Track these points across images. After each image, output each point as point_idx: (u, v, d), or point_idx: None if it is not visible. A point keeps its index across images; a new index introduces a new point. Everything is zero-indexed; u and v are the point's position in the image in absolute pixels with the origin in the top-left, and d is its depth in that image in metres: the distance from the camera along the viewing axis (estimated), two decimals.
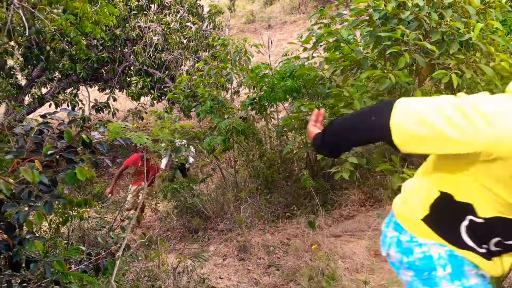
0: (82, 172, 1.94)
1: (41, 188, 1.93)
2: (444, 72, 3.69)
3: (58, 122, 2.13)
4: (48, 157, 2.01)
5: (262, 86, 5.73)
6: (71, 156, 2.03)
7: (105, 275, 2.33)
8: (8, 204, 1.86)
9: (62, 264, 1.96)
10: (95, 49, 9.07)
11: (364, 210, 4.61)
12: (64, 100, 8.93)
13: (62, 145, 2.06)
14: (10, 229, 1.91)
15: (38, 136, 2.10)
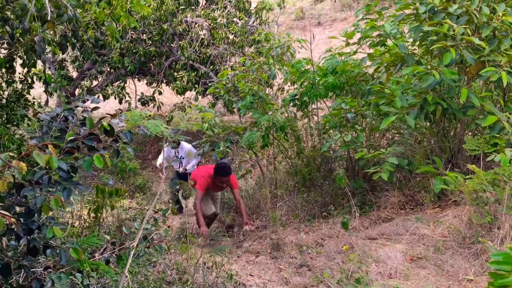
0: (100, 160, 1.93)
1: (61, 175, 1.92)
2: (494, 70, 3.45)
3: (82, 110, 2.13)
4: (69, 144, 2.00)
5: (303, 82, 5.61)
6: (91, 143, 2.01)
7: (119, 265, 2.32)
8: (27, 189, 1.87)
9: (78, 251, 1.95)
10: (143, 43, 9.25)
11: (403, 213, 4.40)
12: (111, 92, 9.15)
13: (84, 132, 2.05)
14: (29, 214, 1.92)
15: (62, 123, 2.10)
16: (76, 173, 2.01)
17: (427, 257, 3.45)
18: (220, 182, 5.17)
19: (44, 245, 2.01)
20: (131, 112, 1.96)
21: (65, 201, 1.96)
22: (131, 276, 2.80)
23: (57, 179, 1.96)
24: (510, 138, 3.55)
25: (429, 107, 3.67)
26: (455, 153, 4.44)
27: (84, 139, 2.03)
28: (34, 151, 1.64)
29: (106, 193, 3.24)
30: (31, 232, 1.96)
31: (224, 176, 5.13)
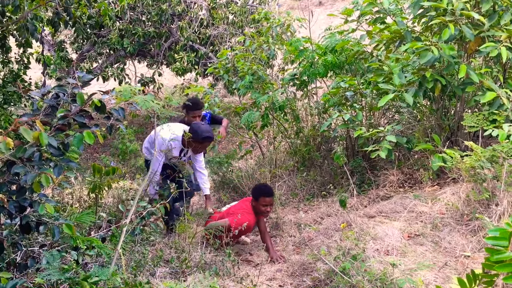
0: (90, 136, 1.91)
1: (51, 152, 1.91)
2: (494, 45, 3.40)
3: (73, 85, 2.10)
4: (60, 121, 1.99)
5: (302, 61, 5.55)
6: (83, 120, 2.00)
7: (112, 242, 2.32)
8: (18, 166, 1.86)
9: (71, 228, 1.95)
10: (142, 24, 9.16)
11: (402, 191, 4.40)
12: (111, 74, 9.11)
13: (75, 109, 2.04)
14: (21, 192, 1.92)
15: (53, 100, 2.08)
16: (68, 150, 2.00)
17: (424, 234, 3.45)
18: (264, 205, 4.05)
19: (37, 222, 2.01)
20: (121, 87, 1.93)
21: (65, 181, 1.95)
22: (128, 254, 2.81)
23: (48, 156, 1.95)
24: (509, 115, 3.52)
25: (428, 84, 3.64)
26: (455, 131, 4.41)
27: (75, 116, 2.01)
28: (21, 127, 1.62)
29: (103, 172, 3.23)
30: (23, 210, 1.96)
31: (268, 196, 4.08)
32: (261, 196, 4.04)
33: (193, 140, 4.07)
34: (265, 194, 4.04)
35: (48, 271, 1.92)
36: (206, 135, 4.09)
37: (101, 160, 8.36)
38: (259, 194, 4.07)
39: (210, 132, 4.15)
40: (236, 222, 3.90)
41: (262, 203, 4.02)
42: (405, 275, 2.84)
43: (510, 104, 3.52)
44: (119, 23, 8.95)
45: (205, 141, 4.14)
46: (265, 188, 4.19)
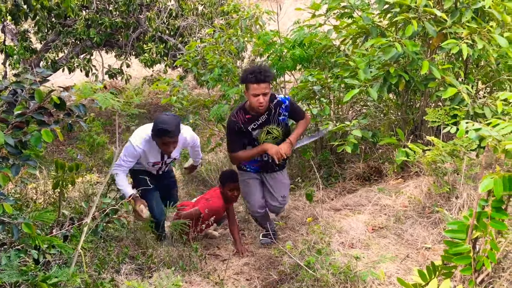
0: (49, 134, 1.87)
1: (9, 150, 1.86)
2: (455, 42, 3.48)
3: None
4: (18, 118, 1.94)
5: (270, 54, 5.56)
6: (41, 117, 1.95)
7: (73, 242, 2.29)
8: None
9: (30, 227, 1.91)
10: (110, 14, 8.98)
11: (367, 184, 4.48)
12: (77, 65, 8.91)
13: (34, 106, 1.99)
14: None
15: (10, 96, 2.03)
16: (26, 148, 1.95)
17: (388, 226, 3.53)
18: (231, 190, 4.06)
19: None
20: (80, 84, 1.89)
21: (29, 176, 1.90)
22: (92, 251, 2.77)
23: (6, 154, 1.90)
24: (470, 110, 3.62)
25: (392, 80, 3.70)
26: (419, 125, 4.51)
27: (33, 113, 1.96)
28: None
29: (66, 168, 3.17)
30: None
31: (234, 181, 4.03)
32: (227, 181, 4.08)
33: (152, 134, 3.49)
34: (230, 179, 4.07)
35: (6, 272, 1.88)
36: (159, 127, 3.39)
37: (67, 153, 8.20)
38: (225, 179, 4.13)
39: (167, 123, 3.40)
40: (207, 205, 4.05)
41: (228, 188, 4.05)
42: (368, 268, 2.90)
43: (470, 100, 3.61)
44: (85, 13, 8.74)
45: (160, 134, 3.41)
46: (231, 173, 4.20)
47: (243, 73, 3.40)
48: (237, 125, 3.46)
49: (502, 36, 3.51)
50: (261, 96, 3.31)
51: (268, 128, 3.54)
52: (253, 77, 3.26)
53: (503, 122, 2.57)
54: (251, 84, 3.28)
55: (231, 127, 3.50)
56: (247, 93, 3.38)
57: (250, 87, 3.31)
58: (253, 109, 3.43)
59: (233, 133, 3.50)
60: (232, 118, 3.49)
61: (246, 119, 3.48)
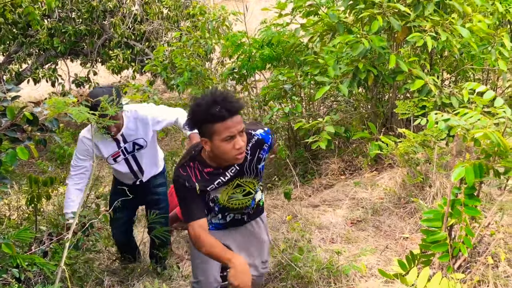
0: (24, 152, 1.84)
1: None
2: (419, 35, 3.58)
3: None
4: None
5: (239, 55, 5.58)
6: (14, 134, 1.92)
7: (54, 258, 2.26)
8: None
9: (11, 247, 1.88)
10: (73, 22, 8.81)
11: (343, 179, 4.55)
12: (42, 76, 8.72)
13: (6, 123, 1.95)
14: None
15: None
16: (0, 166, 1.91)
17: (366, 219, 3.60)
18: None
19: None
20: (52, 99, 1.87)
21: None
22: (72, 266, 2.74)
23: None
24: (437, 100, 3.72)
25: (361, 75, 3.77)
26: (389, 118, 4.61)
27: (6, 130, 1.92)
28: None
29: (40, 183, 3.12)
30: None
31: None
32: None
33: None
34: None
35: None
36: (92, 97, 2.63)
37: (38, 165, 8.03)
38: None
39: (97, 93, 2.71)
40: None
41: None
42: (350, 262, 2.95)
43: (437, 90, 3.72)
44: (47, 22, 8.56)
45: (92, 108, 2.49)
46: None
47: (194, 112, 2.02)
48: (190, 184, 2.16)
49: (464, 27, 3.62)
50: (238, 138, 2.02)
51: (240, 181, 2.31)
52: (220, 111, 1.95)
53: (470, 111, 2.66)
54: (219, 123, 1.96)
55: (179, 185, 2.19)
56: (211, 141, 2.03)
57: (218, 129, 1.98)
58: (219, 160, 2.15)
59: (185, 194, 2.20)
60: (181, 172, 2.19)
61: (205, 174, 2.19)
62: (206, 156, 2.18)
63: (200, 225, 2.16)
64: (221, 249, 2.13)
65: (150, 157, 3.27)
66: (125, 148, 3.11)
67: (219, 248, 2.13)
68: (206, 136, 2.03)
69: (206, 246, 2.12)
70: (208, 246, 2.12)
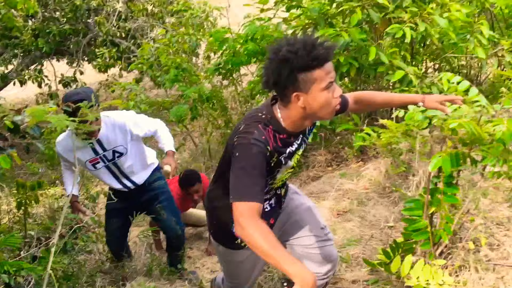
0: (6, 160, 1.87)
1: None
2: (398, 26, 3.62)
3: None
4: None
5: (224, 50, 5.60)
6: None
7: (41, 263, 2.30)
8: None
9: None
10: (57, 22, 8.77)
11: (330, 170, 4.61)
12: (29, 77, 8.68)
13: None
14: None
15: None
16: None
17: (352, 210, 3.66)
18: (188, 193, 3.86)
19: None
20: (32, 108, 1.89)
21: None
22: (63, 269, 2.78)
23: None
24: (418, 91, 3.77)
25: (342, 68, 3.82)
26: None
27: None
28: None
29: (28, 188, 3.15)
30: None
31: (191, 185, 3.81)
32: (185, 186, 3.85)
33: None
34: (188, 183, 3.82)
35: None
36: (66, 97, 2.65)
37: (28, 167, 8.02)
38: (183, 184, 3.86)
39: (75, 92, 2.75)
40: None
41: (187, 192, 3.84)
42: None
43: (418, 80, 3.77)
44: (31, 22, 8.51)
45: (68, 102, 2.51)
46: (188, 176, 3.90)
47: (290, 60, 1.66)
48: (266, 151, 1.76)
49: (442, 17, 3.67)
50: (336, 86, 1.76)
51: (298, 153, 2.02)
52: (323, 53, 1.67)
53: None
54: (320, 69, 1.67)
55: (250, 151, 1.73)
56: (308, 93, 1.71)
57: (319, 75, 1.67)
58: (305, 120, 1.84)
59: (254, 163, 1.73)
60: (257, 135, 1.76)
61: (279, 141, 1.84)
62: (284, 118, 1.82)
63: (258, 210, 1.66)
64: (282, 253, 1.55)
65: (136, 162, 3.09)
66: (105, 155, 2.97)
67: (280, 252, 1.55)
68: (302, 88, 1.69)
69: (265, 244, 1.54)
70: (268, 244, 1.54)
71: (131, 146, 3.01)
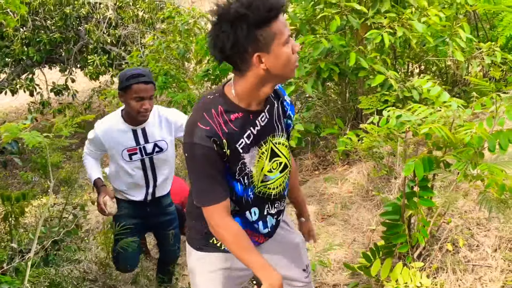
0: None
1: None
2: (377, 32, 3.67)
3: None
4: None
5: (210, 57, 5.65)
6: None
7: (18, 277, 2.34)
8: None
9: None
10: (47, 30, 8.81)
11: (316, 174, 4.66)
12: (20, 86, 8.71)
13: None
14: None
15: None
16: None
17: (336, 214, 3.71)
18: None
19: None
20: (6, 125, 1.93)
21: None
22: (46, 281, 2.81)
23: None
24: (399, 94, 3.83)
25: (324, 74, 3.87)
26: (359, 112, 4.72)
27: None
28: None
29: (13, 199, 3.18)
30: None
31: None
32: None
33: (120, 93, 2.56)
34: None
35: None
36: (128, 74, 2.53)
37: (21, 176, 8.05)
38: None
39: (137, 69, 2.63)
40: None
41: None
42: (318, 257, 3.06)
43: (398, 84, 3.82)
44: (20, 32, 8.54)
45: (130, 81, 2.48)
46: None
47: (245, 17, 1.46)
48: (215, 142, 1.56)
49: (420, 21, 3.73)
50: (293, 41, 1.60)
51: (273, 143, 1.72)
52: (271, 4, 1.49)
53: (422, 106, 2.76)
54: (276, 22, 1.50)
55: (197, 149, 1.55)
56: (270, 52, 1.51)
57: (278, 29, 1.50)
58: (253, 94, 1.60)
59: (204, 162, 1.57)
60: (200, 127, 1.55)
61: (231, 125, 1.59)
62: (238, 92, 1.58)
63: (226, 208, 1.62)
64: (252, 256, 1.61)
65: (167, 168, 2.88)
66: (144, 147, 2.72)
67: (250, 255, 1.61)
68: (262, 47, 1.48)
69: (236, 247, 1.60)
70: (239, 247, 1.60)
71: (171, 144, 2.80)
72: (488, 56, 3.93)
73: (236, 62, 1.52)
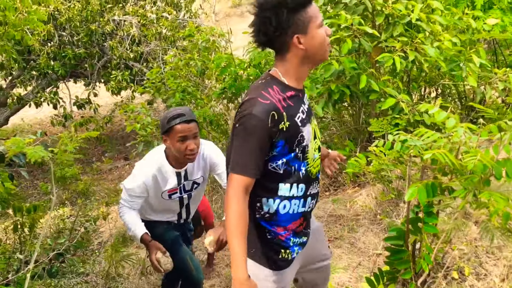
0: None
1: None
2: (389, 55, 3.68)
3: None
4: None
5: (225, 76, 5.73)
6: None
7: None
8: None
9: None
10: (73, 46, 9.07)
11: (327, 195, 4.63)
12: (44, 99, 8.96)
13: None
14: None
15: None
16: None
17: (342, 236, 3.68)
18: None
19: None
20: (12, 139, 2.00)
21: None
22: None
23: None
24: (410, 118, 3.81)
25: (335, 96, 3.88)
26: (371, 135, 4.69)
27: None
28: None
29: (24, 211, 3.26)
30: None
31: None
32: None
33: (164, 137, 2.51)
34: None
35: None
36: (170, 115, 2.49)
37: (41, 187, 8.21)
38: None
39: (179, 109, 2.53)
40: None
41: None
42: None
43: (409, 108, 3.80)
44: (47, 47, 8.82)
45: (173, 121, 2.43)
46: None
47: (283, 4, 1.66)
48: (275, 116, 1.64)
49: (432, 46, 3.72)
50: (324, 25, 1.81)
51: (314, 125, 1.87)
52: None
53: (429, 131, 2.74)
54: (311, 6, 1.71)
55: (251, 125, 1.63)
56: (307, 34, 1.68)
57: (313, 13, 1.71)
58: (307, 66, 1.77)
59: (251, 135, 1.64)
60: (260, 102, 1.64)
61: (288, 100, 1.71)
62: (284, 73, 1.74)
63: (248, 187, 1.67)
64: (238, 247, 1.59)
65: (198, 200, 2.98)
66: (184, 186, 2.72)
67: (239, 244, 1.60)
68: (300, 29, 1.67)
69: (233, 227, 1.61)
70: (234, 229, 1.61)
71: (206, 177, 2.81)
72: (501, 82, 3.89)
73: (278, 44, 1.70)
